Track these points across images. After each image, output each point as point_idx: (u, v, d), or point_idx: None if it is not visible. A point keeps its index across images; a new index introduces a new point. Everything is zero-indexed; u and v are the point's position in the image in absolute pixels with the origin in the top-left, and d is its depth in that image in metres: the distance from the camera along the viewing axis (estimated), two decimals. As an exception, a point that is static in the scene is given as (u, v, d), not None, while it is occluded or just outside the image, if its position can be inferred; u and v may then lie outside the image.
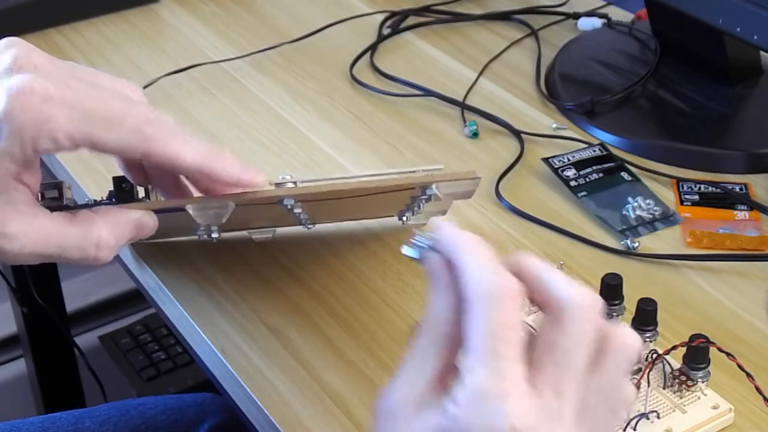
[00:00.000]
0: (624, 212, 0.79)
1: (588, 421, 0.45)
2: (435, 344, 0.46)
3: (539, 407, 0.43)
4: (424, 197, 0.65)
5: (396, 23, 1.07)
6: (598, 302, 0.46)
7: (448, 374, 0.46)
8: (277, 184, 0.64)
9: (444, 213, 0.75)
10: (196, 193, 0.63)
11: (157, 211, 0.61)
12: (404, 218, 0.74)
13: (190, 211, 0.61)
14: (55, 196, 0.59)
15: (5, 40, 0.57)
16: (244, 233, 0.76)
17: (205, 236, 0.68)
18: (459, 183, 0.64)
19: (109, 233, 0.57)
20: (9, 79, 0.53)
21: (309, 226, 0.74)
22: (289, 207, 0.63)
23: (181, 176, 0.63)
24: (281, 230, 0.77)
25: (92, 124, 0.54)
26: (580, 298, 0.46)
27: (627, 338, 0.47)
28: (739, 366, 0.60)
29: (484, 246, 0.48)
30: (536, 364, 0.45)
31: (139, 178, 0.64)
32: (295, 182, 0.65)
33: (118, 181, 0.64)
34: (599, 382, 0.45)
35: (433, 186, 0.63)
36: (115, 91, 0.57)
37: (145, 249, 0.77)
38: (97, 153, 0.56)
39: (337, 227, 0.78)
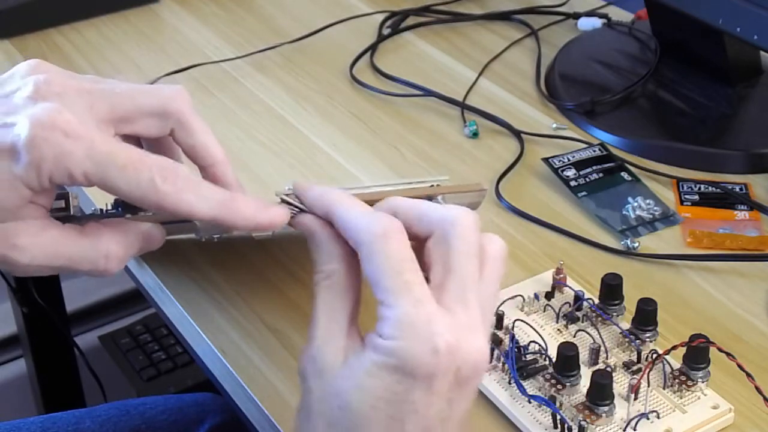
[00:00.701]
0: (624, 212, 0.79)
1: (487, 323, 0.51)
2: (339, 296, 0.52)
3: (457, 323, 0.48)
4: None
5: (396, 23, 1.07)
6: (474, 215, 0.52)
7: (355, 319, 0.51)
8: (283, 199, 0.64)
9: None
10: None
11: (164, 223, 0.61)
12: None
13: (198, 224, 0.61)
14: (61, 207, 0.59)
15: (28, 63, 0.57)
16: (244, 232, 0.76)
17: (206, 238, 0.67)
18: (465, 195, 0.64)
19: (118, 246, 0.57)
20: (33, 108, 0.53)
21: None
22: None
23: None
24: (281, 233, 0.77)
25: (108, 168, 0.53)
26: (459, 215, 0.52)
27: (500, 247, 0.54)
28: (739, 366, 0.60)
29: (353, 198, 0.53)
30: (438, 285, 0.50)
31: None
32: None
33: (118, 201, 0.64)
34: (487, 288, 0.51)
35: (439, 197, 0.63)
36: (141, 104, 0.58)
37: (145, 249, 0.77)
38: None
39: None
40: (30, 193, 0.53)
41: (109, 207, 0.64)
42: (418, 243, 0.52)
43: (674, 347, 0.62)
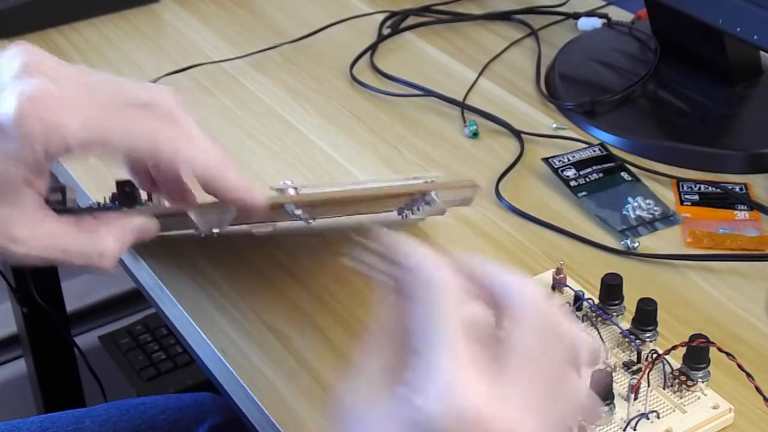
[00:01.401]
0: (624, 212, 0.79)
1: (540, 410, 0.44)
2: (387, 342, 0.46)
3: (501, 394, 0.43)
4: (423, 202, 0.65)
5: (396, 23, 1.07)
6: (542, 292, 0.46)
7: (401, 369, 0.45)
8: (279, 190, 0.64)
9: (443, 213, 0.75)
10: (200, 199, 0.63)
11: (159, 215, 0.61)
12: (404, 214, 0.74)
13: (193, 217, 0.61)
14: (58, 199, 0.59)
15: (14, 45, 0.57)
16: (244, 227, 0.76)
17: (206, 233, 0.67)
18: (457, 191, 0.64)
19: (114, 242, 0.58)
20: (20, 85, 0.53)
21: (309, 221, 0.74)
22: (290, 212, 0.63)
23: (186, 182, 0.63)
24: (281, 229, 0.77)
25: (103, 131, 0.54)
26: (529, 292, 0.46)
27: (579, 336, 0.46)
28: (739, 366, 0.60)
29: (432, 253, 0.47)
30: (499, 359, 0.44)
31: (146, 183, 0.64)
32: (296, 188, 0.65)
33: (121, 184, 0.64)
34: (549, 371, 0.45)
35: (432, 193, 0.63)
36: (130, 95, 0.58)
37: (145, 247, 0.77)
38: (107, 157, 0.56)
39: (338, 227, 0.78)
40: (26, 172, 0.53)
41: (107, 201, 0.64)
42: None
43: (674, 347, 0.62)
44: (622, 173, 0.83)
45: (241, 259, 0.76)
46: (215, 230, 0.68)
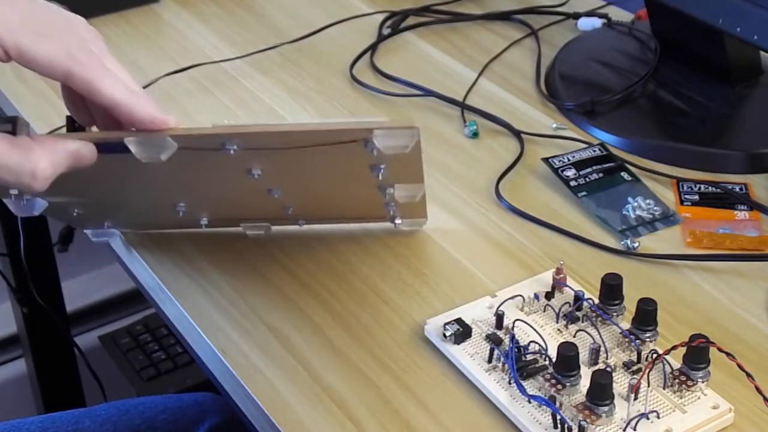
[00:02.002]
0: (624, 212, 0.79)
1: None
2: None
3: None
4: (374, 154, 0.63)
5: (396, 23, 1.07)
6: None
7: None
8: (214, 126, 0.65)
9: (424, 220, 0.77)
10: None
11: (99, 149, 0.61)
12: (396, 222, 0.76)
13: (130, 146, 0.61)
14: (8, 130, 0.59)
15: None
16: (238, 229, 0.77)
17: (147, 158, 0.64)
18: (395, 132, 0.62)
19: (47, 164, 0.58)
20: None
21: (301, 223, 0.76)
22: (232, 152, 0.62)
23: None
24: (279, 230, 0.77)
25: (23, 36, 0.56)
26: None
27: None
28: (739, 366, 0.60)
29: None
30: None
31: (83, 117, 0.65)
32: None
33: (70, 120, 0.65)
34: None
35: (374, 139, 0.61)
36: (60, 15, 0.60)
37: (145, 247, 0.77)
38: (27, 67, 0.58)
39: (338, 227, 0.78)
40: None
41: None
42: None
43: (674, 347, 0.62)
44: (622, 173, 0.83)
45: (242, 259, 0.76)
46: (203, 222, 0.70)
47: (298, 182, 0.70)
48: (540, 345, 0.64)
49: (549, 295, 0.70)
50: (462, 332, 0.66)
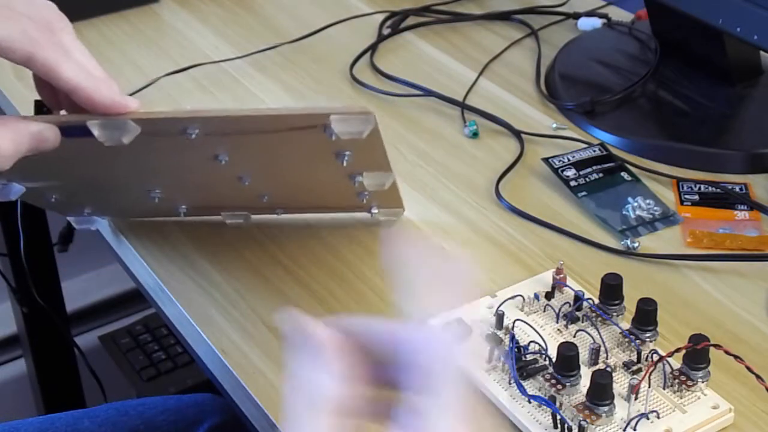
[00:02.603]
0: (624, 212, 0.79)
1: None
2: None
3: None
4: (333, 140, 0.63)
5: (396, 23, 1.07)
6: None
7: None
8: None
9: (401, 210, 0.78)
10: None
11: (63, 133, 0.61)
12: (373, 212, 0.77)
13: (92, 129, 0.61)
14: None
15: None
16: (216, 217, 0.78)
17: (110, 141, 0.65)
18: (351, 118, 0.62)
19: (8, 142, 0.58)
20: None
21: (279, 212, 0.77)
22: (193, 136, 0.62)
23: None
24: (254, 221, 0.78)
25: None
26: None
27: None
28: (748, 368, 0.60)
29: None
30: None
31: (51, 100, 0.65)
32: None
33: (38, 104, 0.66)
34: None
35: (331, 125, 0.61)
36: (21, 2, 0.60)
37: (144, 247, 0.77)
38: None
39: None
40: None
41: None
42: None
43: (678, 349, 0.61)
44: (622, 173, 0.83)
45: (242, 259, 0.76)
46: (182, 209, 0.72)
47: (266, 170, 0.71)
48: (540, 345, 0.64)
49: (549, 295, 0.70)
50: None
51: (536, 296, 0.69)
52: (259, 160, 0.69)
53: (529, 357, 0.64)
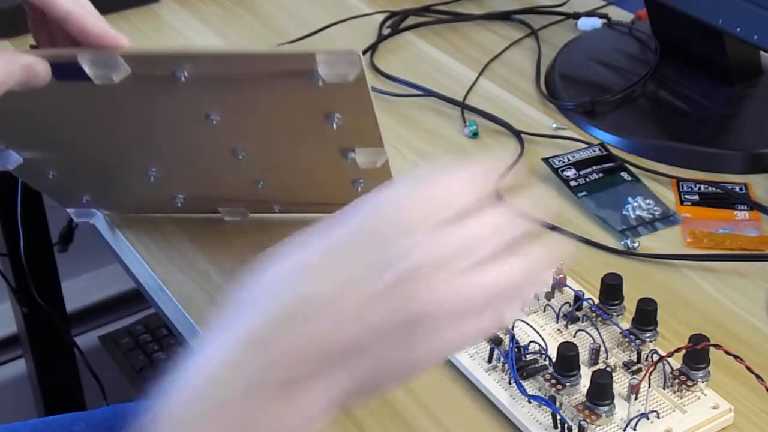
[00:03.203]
0: (624, 212, 0.79)
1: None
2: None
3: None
4: (320, 85, 0.63)
5: (396, 23, 1.07)
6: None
7: None
8: None
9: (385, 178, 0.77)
10: None
11: (55, 73, 0.62)
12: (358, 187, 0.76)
13: (84, 65, 0.62)
14: None
15: None
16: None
17: (101, 79, 0.66)
18: (337, 59, 0.62)
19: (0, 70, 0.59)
20: None
21: (276, 208, 0.78)
22: (183, 79, 0.63)
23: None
24: (252, 218, 0.78)
25: None
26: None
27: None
28: (748, 368, 0.60)
29: None
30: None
31: (46, 41, 0.67)
32: None
33: (33, 48, 0.67)
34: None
35: (318, 67, 0.62)
36: None
37: (144, 246, 0.77)
38: None
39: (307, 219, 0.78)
40: None
41: None
42: None
43: (678, 349, 0.61)
44: (622, 173, 0.83)
45: (243, 259, 0.76)
46: (180, 197, 0.73)
47: (258, 138, 0.71)
48: (540, 345, 0.64)
49: (549, 295, 0.70)
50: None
51: (536, 296, 0.69)
52: (250, 121, 0.69)
53: (529, 357, 0.64)
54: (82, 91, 0.64)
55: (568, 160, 0.84)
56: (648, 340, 0.65)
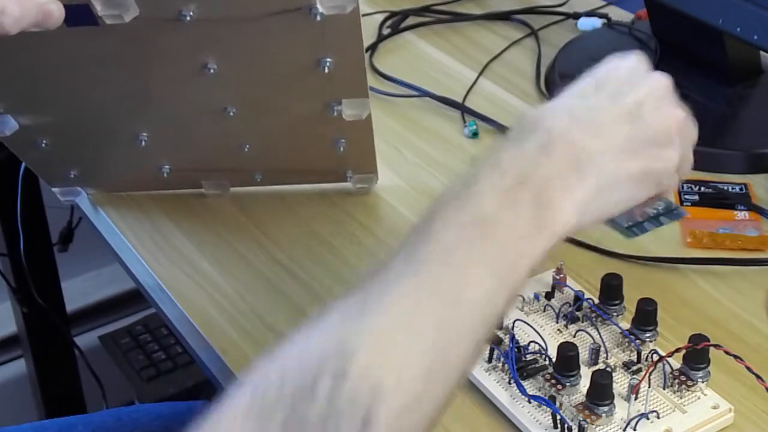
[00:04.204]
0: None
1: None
2: None
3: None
4: (317, 20, 0.64)
5: (396, 23, 1.07)
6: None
7: None
8: None
9: (374, 176, 0.80)
10: None
11: (68, 19, 0.61)
12: (348, 177, 0.80)
13: (95, 4, 0.63)
14: None
15: None
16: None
17: (111, 18, 0.66)
18: None
19: (16, 5, 0.59)
20: None
21: (258, 177, 0.80)
22: (188, 18, 0.64)
23: None
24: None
25: None
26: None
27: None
28: (748, 368, 0.60)
29: None
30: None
31: None
32: None
33: None
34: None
35: (317, 2, 0.63)
36: None
37: (144, 246, 0.77)
38: None
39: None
40: None
41: None
42: None
43: (678, 349, 0.61)
44: (622, 173, 0.83)
45: (242, 259, 0.76)
46: (166, 168, 0.76)
47: (250, 88, 0.72)
48: (540, 345, 0.64)
49: (549, 295, 0.70)
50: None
51: (536, 296, 0.69)
52: (244, 69, 0.70)
53: (529, 357, 0.64)
54: (86, 39, 0.64)
55: (568, 160, 0.84)
56: (648, 340, 0.65)
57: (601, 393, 0.59)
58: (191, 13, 0.64)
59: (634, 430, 0.60)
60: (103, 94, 0.72)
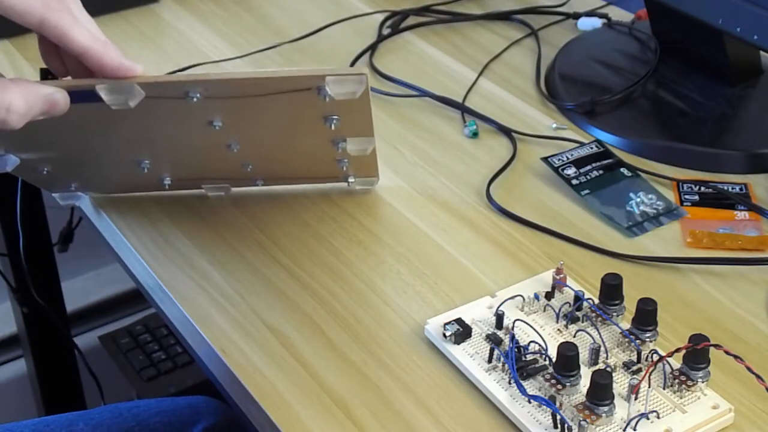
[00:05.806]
0: (628, 208, 0.79)
1: None
2: None
3: None
4: (326, 101, 0.65)
5: (396, 23, 1.07)
6: None
7: None
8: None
9: (375, 178, 0.81)
10: None
11: (72, 98, 0.63)
12: (349, 181, 0.80)
13: (101, 93, 0.64)
14: None
15: None
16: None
17: (116, 104, 0.67)
18: (346, 79, 0.65)
19: (21, 100, 0.60)
20: None
21: (259, 183, 0.80)
22: (195, 100, 0.64)
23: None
24: (235, 192, 0.79)
25: None
26: None
27: None
28: (748, 368, 0.60)
29: None
30: None
31: (58, 68, 0.68)
32: None
33: (44, 71, 0.68)
34: None
35: (326, 86, 0.64)
36: None
37: (144, 246, 0.77)
38: (4, 14, 0.61)
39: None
40: None
41: None
42: None
43: (678, 349, 0.61)
44: (621, 169, 0.83)
45: (242, 259, 0.76)
46: (167, 182, 0.77)
47: (255, 135, 0.72)
48: (540, 345, 0.64)
49: (549, 295, 0.70)
50: (462, 332, 0.66)
51: (536, 296, 0.69)
52: (251, 125, 0.71)
53: (529, 357, 0.64)
54: (92, 109, 0.65)
55: (567, 158, 0.84)
56: (648, 340, 0.65)
57: (601, 393, 0.60)
58: (198, 95, 0.64)
59: (634, 430, 0.60)
60: (106, 139, 0.73)
